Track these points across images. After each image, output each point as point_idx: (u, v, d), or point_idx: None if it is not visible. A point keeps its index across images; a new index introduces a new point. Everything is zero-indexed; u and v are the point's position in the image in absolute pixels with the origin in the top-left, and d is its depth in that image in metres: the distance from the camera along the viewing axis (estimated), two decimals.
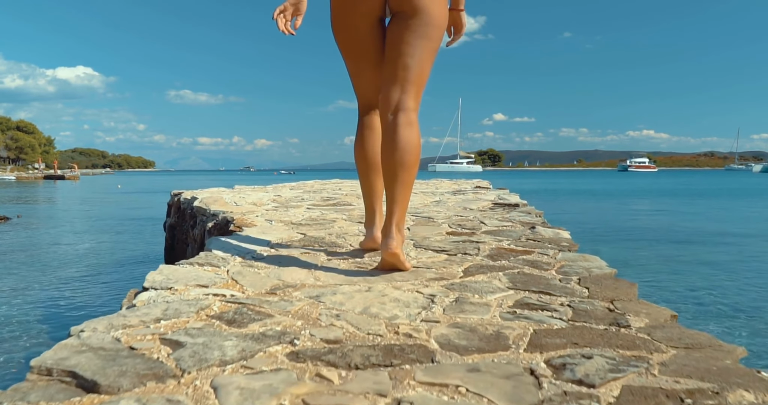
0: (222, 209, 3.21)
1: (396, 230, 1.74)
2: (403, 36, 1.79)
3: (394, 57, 1.82)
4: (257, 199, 3.78)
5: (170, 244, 4.13)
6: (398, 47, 1.81)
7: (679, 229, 10.33)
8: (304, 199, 3.88)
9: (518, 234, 2.55)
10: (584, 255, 2.14)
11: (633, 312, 1.47)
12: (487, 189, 5.24)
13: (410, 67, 1.81)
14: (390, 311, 1.38)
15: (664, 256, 7.14)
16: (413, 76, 1.81)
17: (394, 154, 1.75)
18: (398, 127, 1.76)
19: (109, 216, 13.06)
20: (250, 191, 4.59)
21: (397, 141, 1.75)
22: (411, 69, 1.81)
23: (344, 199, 3.93)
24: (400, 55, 1.81)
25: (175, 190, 4.44)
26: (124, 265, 6.43)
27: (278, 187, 5.40)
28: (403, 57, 1.80)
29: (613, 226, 10.65)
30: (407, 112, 1.79)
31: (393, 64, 1.82)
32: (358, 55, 1.93)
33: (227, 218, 2.90)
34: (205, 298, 1.45)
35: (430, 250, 2.16)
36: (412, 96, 1.82)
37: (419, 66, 1.81)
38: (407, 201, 1.80)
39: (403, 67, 1.81)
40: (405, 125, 1.77)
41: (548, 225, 2.84)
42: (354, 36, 1.88)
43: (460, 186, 6.10)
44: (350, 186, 5.77)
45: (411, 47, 1.79)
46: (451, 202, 3.88)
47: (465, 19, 2.00)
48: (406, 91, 1.81)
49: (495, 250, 2.19)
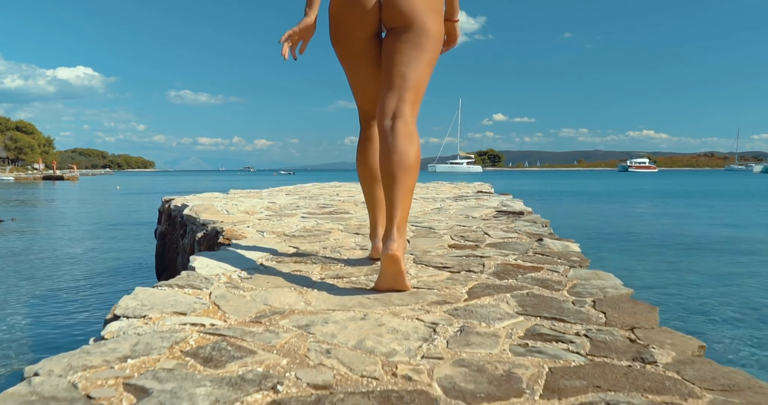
0: (212, 218, 3.06)
1: (397, 234, 1.69)
2: (397, 47, 1.82)
3: (389, 67, 1.84)
4: (250, 207, 3.64)
5: (161, 252, 3.98)
6: (392, 57, 1.83)
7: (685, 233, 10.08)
8: (299, 207, 3.73)
9: (525, 247, 2.40)
10: (597, 272, 1.99)
11: (657, 343, 1.33)
12: (489, 194, 5.09)
13: (406, 76, 1.81)
14: (387, 345, 1.24)
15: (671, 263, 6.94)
16: (409, 84, 1.82)
17: (392, 157, 1.73)
18: (396, 132, 1.76)
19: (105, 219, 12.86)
20: (243, 197, 4.44)
21: (395, 145, 1.74)
22: (406, 78, 1.81)
23: (341, 207, 3.78)
24: (394, 64, 1.83)
25: (166, 196, 4.28)
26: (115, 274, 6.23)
27: (274, 192, 5.25)
28: (398, 66, 1.82)
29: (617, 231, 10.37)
30: (405, 119, 1.78)
31: (388, 73, 1.84)
32: (356, 67, 1.95)
33: (217, 229, 2.76)
34: (182, 330, 1.30)
35: (431, 267, 2.01)
36: (408, 105, 1.81)
37: (415, 75, 1.82)
38: (408, 205, 1.76)
39: (398, 76, 1.82)
40: (402, 131, 1.76)
41: (555, 236, 2.69)
42: (351, 49, 1.90)
43: (461, 190, 5.96)
44: (348, 191, 5.62)
45: (405, 57, 1.81)
46: (453, 210, 3.73)
47: (459, 31, 2.03)
48: (402, 99, 1.80)
49: (501, 266, 2.04)
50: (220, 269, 1.88)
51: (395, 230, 1.69)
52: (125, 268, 6.48)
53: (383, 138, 1.78)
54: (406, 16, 1.79)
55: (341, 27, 1.88)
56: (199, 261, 1.94)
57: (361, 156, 2.04)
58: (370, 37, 1.89)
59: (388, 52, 1.85)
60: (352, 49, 1.90)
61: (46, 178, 55.87)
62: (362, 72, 1.95)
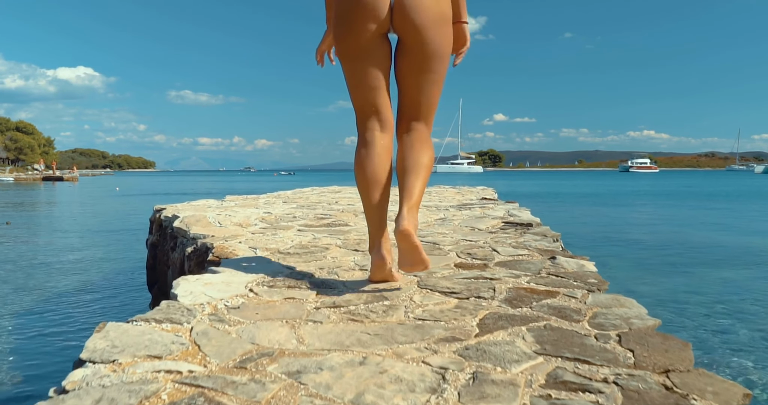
0: (203, 232, 2.89)
1: (408, 213, 1.74)
2: (412, 72, 1.89)
3: (403, 90, 1.93)
4: (244, 218, 3.47)
5: (152, 264, 3.81)
6: (408, 82, 1.91)
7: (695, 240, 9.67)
8: (296, 218, 3.56)
9: (537, 266, 2.23)
10: (617, 297, 1.83)
11: (697, 391, 1.16)
12: (494, 201, 4.92)
13: (420, 102, 1.94)
14: (390, 400, 1.07)
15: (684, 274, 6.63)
16: (424, 108, 1.95)
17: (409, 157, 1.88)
18: (413, 142, 1.92)
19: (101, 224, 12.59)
20: (239, 207, 4.26)
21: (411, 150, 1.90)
22: (421, 103, 1.94)
23: (340, 218, 3.61)
24: (409, 88, 1.92)
25: (157, 205, 4.11)
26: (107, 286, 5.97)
27: (271, 199, 5.07)
28: (414, 93, 1.92)
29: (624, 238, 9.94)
30: (420, 133, 1.95)
31: (402, 97, 1.94)
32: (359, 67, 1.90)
33: (207, 245, 2.59)
34: (154, 379, 1.13)
35: (437, 293, 1.84)
36: (423, 124, 1.96)
37: (428, 99, 1.94)
38: (422, 190, 1.85)
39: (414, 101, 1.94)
40: (417, 141, 1.93)
41: (569, 253, 2.52)
42: (357, 48, 1.86)
43: (464, 196, 5.79)
44: (347, 197, 5.45)
45: (419, 83, 1.89)
46: (457, 221, 3.56)
47: (468, 33, 1.99)
48: (418, 120, 1.96)
49: (513, 290, 1.87)
50: (204, 297, 1.71)
51: (406, 210, 1.74)
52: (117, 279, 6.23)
53: (400, 147, 1.93)
54: (418, 29, 1.79)
55: (348, 24, 1.83)
56: (183, 287, 1.77)
57: (360, 164, 1.92)
58: (378, 36, 1.84)
59: (402, 75, 1.91)
60: (357, 47, 1.85)
61: (46, 179, 55.74)
62: (366, 72, 1.90)
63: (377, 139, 1.92)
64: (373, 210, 1.91)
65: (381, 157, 1.90)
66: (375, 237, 1.90)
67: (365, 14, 1.78)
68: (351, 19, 1.81)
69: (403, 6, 1.77)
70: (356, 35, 1.82)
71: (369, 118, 1.94)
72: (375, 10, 1.77)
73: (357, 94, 1.94)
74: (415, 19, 1.78)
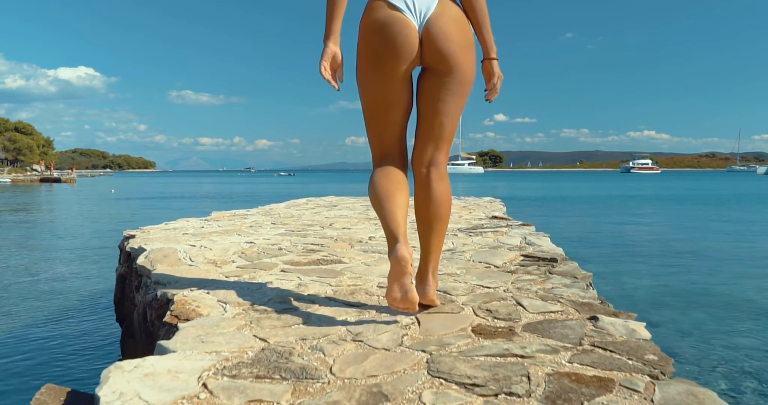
0: (168, 273, 2.43)
1: (431, 277, 1.91)
2: (440, 95, 1.86)
3: (430, 115, 1.89)
4: (221, 252, 3.00)
5: (119, 298, 3.35)
6: (435, 106, 1.87)
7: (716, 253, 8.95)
8: (281, 250, 3.09)
9: (576, 332, 1.77)
10: (692, 389, 1.37)
11: None
12: (506, 221, 4.44)
13: (445, 126, 1.90)
14: None
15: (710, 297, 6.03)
16: (447, 133, 1.92)
17: (429, 206, 1.88)
18: (432, 182, 1.90)
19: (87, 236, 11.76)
20: (220, 231, 3.78)
21: (433, 196, 1.88)
22: (445, 127, 1.90)
23: (333, 250, 3.14)
24: (436, 114, 1.88)
25: (127, 231, 3.64)
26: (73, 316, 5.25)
27: (259, 220, 4.58)
28: (440, 116, 1.88)
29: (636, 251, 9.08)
30: (439, 168, 1.92)
31: (429, 122, 1.90)
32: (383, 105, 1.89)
33: (168, 296, 2.13)
34: None
35: (453, 385, 1.38)
36: (444, 152, 1.94)
37: (452, 123, 1.91)
38: (441, 248, 1.97)
39: (438, 126, 1.90)
40: (438, 180, 1.90)
41: (610, 307, 2.06)
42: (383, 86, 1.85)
43: (471, 213, 5.32)
44: (344, 217, 4.96)
45: (447, 106, 1.87)
46: (469, 252, 3.10)
47: (497, 69, 1.94)
48: (439, 148, 1.92)
49: (553, 379, 1.41)
50: (139, 402, 1.25)
51: (429, 274, 1.90)
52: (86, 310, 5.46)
53: (420, 186, 1.92)
54: (447, 57, 1.80)
55: (379, 64, 1.81)
56: (111, 385, 1.31)
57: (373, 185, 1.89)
58: (406, 75, 1.86)
59: (430, 98, 1.87)
60: (386, 87, 1.84)
61: (44, 180, 55.28)
62: (389, 111, 1.90)
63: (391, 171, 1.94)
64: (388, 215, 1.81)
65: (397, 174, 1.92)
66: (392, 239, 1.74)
67: (398, 53, 1.78)
68: (382, 58, 1.80)
69: (432, 38, 1.78)
70: (389, 75, 1.81)
71: (387, 155, 1.96)
72: (407, 48, 1.77)
73: (379, 129, 1.94)
74: (444, 48, 1.79)
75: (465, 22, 1.86)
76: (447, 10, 1.81)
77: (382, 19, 1.77)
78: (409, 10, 1.77)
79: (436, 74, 1.84)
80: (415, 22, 1.77)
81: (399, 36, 1.76)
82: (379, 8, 1.79)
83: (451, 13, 1.81)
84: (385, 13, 1.77)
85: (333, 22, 1.81)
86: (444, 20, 1.79)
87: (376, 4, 1.80)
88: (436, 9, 1.79)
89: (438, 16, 1.79)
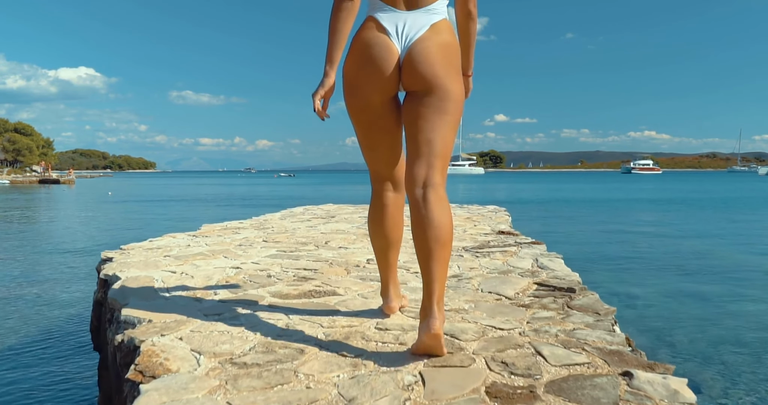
0: (141, 310, 2.16)
1: (437, 309, 1.69)
2: (420, 112, 1.80)
3: (414, 133, 1.82)
4: (204, 280, 2.71)
5: (96, 326, 3.08)
6: (417, 123, 1.81)
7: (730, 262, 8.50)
8: (270, 277, 2.80)
9: (609, 395, 1.49)
10: None
11: None
12: (514, 238, 4.16)
13: (432, 142, 1.80)
14: None
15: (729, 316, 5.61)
16: (437, 150, 1.80)
17: (427, 231, 1.72)
18: (429, 204, 1.75)
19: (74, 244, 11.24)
20: (206, 253, 3.50)
21: (431, 219, 1.73)
22: (433, 143, 1.80)
23: (327, 277, 2.85)
24: (420, 131, 1.81)
25: (105, 252, 3.35)
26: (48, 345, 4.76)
27: (250, 237, 4.29)
28: (424, 133, 1.80)
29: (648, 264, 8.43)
30: (436, 188, 1.78)
31: (414, 140, 1.82)
32: (371, 131, 1.92)
33: (135, 342, 1.86)
34: None
35: None
36: (438, 171, 1.80)
37: (441, 140, 1.81)
38: (445, 277, 1.76)
39: (425, 143, 1.80)
40: (435, 202, 1.75)
41: (643, 357, 1.79)
42: (367, 112, 1.87)
43: (476, 225, 5.05)
44: (341, 233, 4.67)
45: (430, 123, 1.79)
46: (476, 279, 2.82)
47: (471, 84, 2.07)
48: (432, 166, 1.80)
49: None
50: None
51: (435, 306, 1.68)
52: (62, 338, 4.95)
53: (415, 209, 1.77)
54: (428, 79, 1.77)
55: (357, 90, 1.83)
56: None
57: (374, 223, 2.02)
58: (388, 100, 1.86)
59: (412, 118, 1.82)
60: (368, 112, 1.86)
61: (42, 182, 55.02)
62: (378, 136, 1.92)
63: (390, 199, 1.99)
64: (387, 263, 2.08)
65: (395, 218, 2.01)
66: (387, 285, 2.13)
67: (375, 80, 1.78)
68: (361, 85, 1.81)
69: (411, 60, 1.76)
70: (367, 101, 1.82)
71: (383, 179, 2.00)
72: (384, 74, 1.77)
73: (372, 155, 1.96)
74: (422, 69, 1.76)
75: (453, 49, 1.81)
76: (435, 36, 1.78)
77: (367, 40, 1.79)
78: (396, 34, 1.77)
79: (416, 95, 1.81)
80: (399, 46, 1.77)
81: (377, 59, 1.76)
82: (369, 28, 1.80)
83: (438, 39, 1.78)
84: (371, 35, 1.79)
85: (336, 51, 1.80)
86: (427, 44, 1.77)
87: (368, 24, 1.81)
88: (424, 34, 1.78)
89: (423, 40, 1.77)
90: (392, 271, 2.12)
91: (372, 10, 1.82)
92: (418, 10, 1.78)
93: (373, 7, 1.82)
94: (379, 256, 2.10)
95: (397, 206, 2.03)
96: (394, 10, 1.78)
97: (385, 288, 2.15)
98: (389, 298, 2.15)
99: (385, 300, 2.16)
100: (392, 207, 2.01)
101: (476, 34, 1.97)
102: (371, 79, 1.79)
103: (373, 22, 1.80)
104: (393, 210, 2.01)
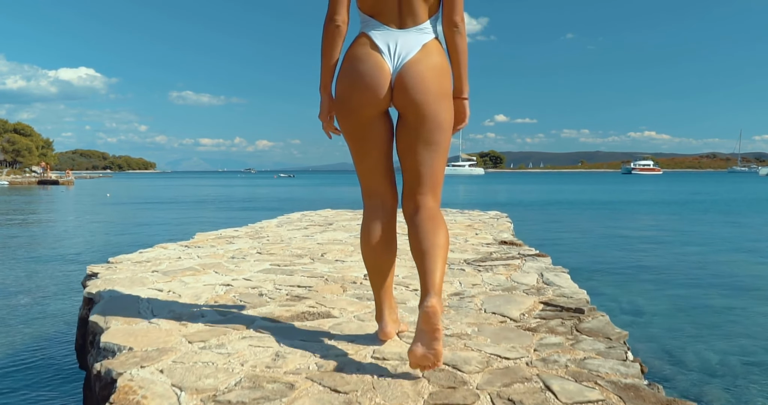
0: (122, 336, 2.03)
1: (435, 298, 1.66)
2: (411, 144, 1.86)
3: (407, 164, 1.89)
4: (192, 299, 2.58)
5: (81, 344, 2.94)
6: (409, 155, 1.88)
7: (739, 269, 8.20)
8: (262, 295, 2.67)
9: None
10: None
11: None
12: (518, 249, 4.02)
13: (423, 174, 1.88)
14: None
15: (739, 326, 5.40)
16: (427, 179, 1.89)
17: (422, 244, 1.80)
18: (423, 222, 1.85)
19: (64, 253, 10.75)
20: (197, 268, 3.36)
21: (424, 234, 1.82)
22: (423, 176, 1.88)
23: (321, 295, 2.71)
24: (413, 163, 1.87)
25: (91, 267, 3.22)
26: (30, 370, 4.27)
27: (244, 248, 4.15)
28: (416, 166, 1.87)
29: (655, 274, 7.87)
30: (428, 210, 1.88)
31: (408, 170, 1.90)
32: (363, 146, 1.93)
33: (112, 374, 1.72)
34: None
35: None
36: (429, 196, 1.90)
37: (432, 169, 1.88)
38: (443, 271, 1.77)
39: (417, 174, 1.88)
40: (426, 221, 1.85)
41: (661, 393, 1.66)
42: (360, 129, 1.88)
43: (478, 233, 4.91)
44: (338, 244, 4.52)
45: (421, 156, 1.86)
46: (479, 297, 2.69)
47: (467, 109, 1.98)
48: (423, 193, 1.89)
49: None
50: None
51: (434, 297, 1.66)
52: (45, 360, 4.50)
53: (410, 226, 1.89)
54: (419, 106, 1.79)
55: (348, 104, 1.84)
56: None
57: (366, 241, 1.97)
58: (378, 114, 1.87)
59: (404, 147, 1.88)
60: (359, 126, 1.88)
61: (41, 183, 54.87)
62: (370, 152, 1.93)
63: (381, 218, 1.96)
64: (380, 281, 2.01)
65: (388, 236, 1.96)
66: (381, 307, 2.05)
67: (366, 95, 1.79)
68: (351, 100, 1.82)
69: (404, 85, 1.77)
70: (357, 116, 1.84)
71: (374, 195, 1.99)
72: (376, 91, 1.78)
73: (364, 170, 1.97)
74: (416, 97, 1.77)
75: (444, 71, 1.83)
76: (426, 58, 1.79)
77: (358, 56, 1.80)
78: (388, 53, 1.78)
79: (408, 122, 1.84)
80: (391, 65, 1.78)
81: (369, 76, 1.77)
82: (362, 45, 1.81)
83: (429, 61, 1.79)
84: (364, 51, 1.79)
85: (329, 77, 1.87)
86: (420, 68, 1.77)
87: (362, 40, 1.82)
88: (415, 55, 1.78)
89: (415, 62, 1.78)
90: (387, 293, 2.04)
91: (365, 27, 1.84)
92: (410, 30, 1.79)
93: (366, 24, 1.84)
94: (373, 277, 2.02)
95: (390, 224, 1.96)
96: (387, 29, 1.80)
97: (380, 311, 2.06)
98: (384, 322, 2.05)
99: (381, 325, 2.06)
100: (386, 224, 1.94)
101: (467, 53, 1.88)
102: (363, 94, 1.80)
103: (366, 38, 1.81)
104: (386, 227, 1.94)
